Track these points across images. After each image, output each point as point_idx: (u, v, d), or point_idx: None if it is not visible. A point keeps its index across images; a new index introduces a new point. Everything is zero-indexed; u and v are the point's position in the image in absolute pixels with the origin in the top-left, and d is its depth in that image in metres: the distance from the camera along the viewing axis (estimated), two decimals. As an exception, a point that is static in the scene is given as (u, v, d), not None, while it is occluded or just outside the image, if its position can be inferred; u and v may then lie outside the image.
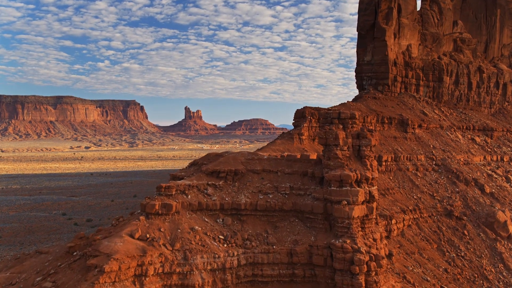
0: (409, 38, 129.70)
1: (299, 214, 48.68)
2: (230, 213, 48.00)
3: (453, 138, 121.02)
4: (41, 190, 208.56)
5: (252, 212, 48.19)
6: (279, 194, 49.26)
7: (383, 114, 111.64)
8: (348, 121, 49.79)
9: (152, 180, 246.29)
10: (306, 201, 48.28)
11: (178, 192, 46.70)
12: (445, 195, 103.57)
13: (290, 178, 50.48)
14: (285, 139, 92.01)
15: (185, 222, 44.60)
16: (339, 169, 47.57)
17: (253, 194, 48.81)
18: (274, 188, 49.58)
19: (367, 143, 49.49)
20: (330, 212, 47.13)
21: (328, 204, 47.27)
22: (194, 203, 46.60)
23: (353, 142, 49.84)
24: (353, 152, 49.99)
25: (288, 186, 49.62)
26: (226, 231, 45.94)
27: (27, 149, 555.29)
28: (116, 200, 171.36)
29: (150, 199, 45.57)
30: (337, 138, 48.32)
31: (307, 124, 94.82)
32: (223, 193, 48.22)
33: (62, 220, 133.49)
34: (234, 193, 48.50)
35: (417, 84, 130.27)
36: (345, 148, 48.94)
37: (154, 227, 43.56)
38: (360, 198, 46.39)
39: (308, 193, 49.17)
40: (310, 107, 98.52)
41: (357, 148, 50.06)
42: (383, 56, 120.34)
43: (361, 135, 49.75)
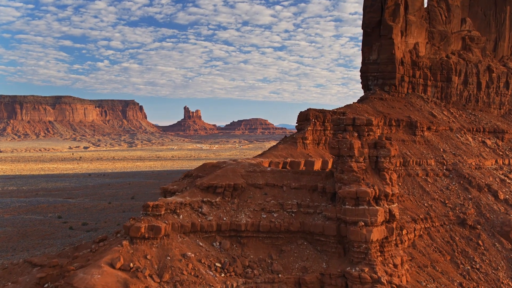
0: (416, 36, 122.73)
1: (308, 236, 41.81)
2: (228, 235, 41.16)
3: (463, 141, 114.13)
4: (38, 191, 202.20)
5: (254, 234, 41.35)
6: (285, 212, 42.37)
7: (390, 116, 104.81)
8: (364, 128, 42.79)
9: (150, 181, 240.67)
10: (316, 221, 41.42)
11: (168, 211, 39.81)
12: (457, 202, 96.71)
13: (297, 194, 43.58)
14: (288, 144, 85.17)
15: (175, 248, 37.77)
16: (355, 184, 40.65)
17: (255, 213, 41.92)
18: (279, 206, 42.69)
19: (386, 154, 42.57)
20: (345, 234, 40.29)
21: (342, 225, 40.44)
22: (186, 225, 39.75)
23: (370, 152, 42.93)
24: (369, 163, 43.07)
25: (295, 203, 42.73)
26: (224, 257, 39.06)
27: (25, 150, 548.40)
28: (113, 202, 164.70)
29: (135, 221, 38.68)
30: (352, 148, 41.42)
31: (311, 128, 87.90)
32: (220, 212, 41.38)
33: (57, 224, 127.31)
34: (233, 212, 41.62)
35: (425, 84, 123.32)
36: (361, 160, 42.03)
37: (139, 254, 36.78)
38: (380, 218, 39.58)
39: (319, 211, 42.26)
40: (315, 109, 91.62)
41: (374, 159, 43.15)
42: (389, 55, 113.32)
43: (379, 145, 42.82)
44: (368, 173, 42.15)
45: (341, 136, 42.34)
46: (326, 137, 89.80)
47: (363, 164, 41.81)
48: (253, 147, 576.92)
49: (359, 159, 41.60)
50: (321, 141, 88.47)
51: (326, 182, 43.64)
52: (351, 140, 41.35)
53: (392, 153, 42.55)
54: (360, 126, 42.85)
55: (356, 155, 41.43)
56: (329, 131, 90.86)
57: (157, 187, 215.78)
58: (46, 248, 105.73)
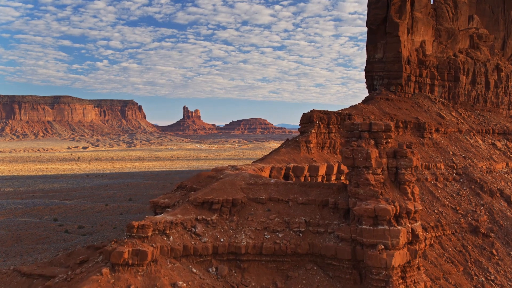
0: (422, 34, 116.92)
1: (319, 260, 35.98)
2: (226, 259, 35.32)
3: (473, 143, 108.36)
4: (35, 193, 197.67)
5: (256, 258, 35.50)
6: (291, 232, 36.51)
7: (397, 117, 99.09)
8: (382, 135, 36.95)
9: (149, 182, 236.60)
10: (328, 242, 35.59)
11: (156, 232, 33.95)
12: (469, 209, 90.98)
13: (305, 210, 37.70)
14: (291, 147, 79.37)
15: (164, 276, 31.98)
16: (372, 200, 34.79)
17: (257, 233, 36.08)
18: (284, 224, 36.84)
19: (407, 164, 36.73)
20: (361, 258, 34.47)
21: (358, 247, 34.64)
22: (177, 248, 33.93)
23: (389, 162, 37.07)
24: (388, 175, 37.24)
25: (303, 221, 36.90)
26: (221, 285, 33.25)
27: (24, 150, 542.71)
28: (111, 204, 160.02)
29: (118, 244, 32.88)
30: (369, 158, 35.57)
31: (315, 130, 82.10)
32: (217, 232, 35.54)
33: (53, 227, 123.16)
34: (231, 232, 35.78)
35: (432, 84, 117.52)
36: (379, 171, 36.16)
37: (121, 284, 31.00)
38: (402, 240, 33.80)
39: (330, 230, 36.40)
40: (319, 110, 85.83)
41: (393, 170, 37.30)
42: (396, 53, 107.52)
43: (398, 154, 36.97)
44: (387, 186, 36.29)
45: (355, 144, 36.44)
46: (331, 140, 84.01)
47: (381, 176, 35.94)
48: (253, 147, 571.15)
49: (376, 170, 35.73)
50: (325, 145, 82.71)
51: (338, 196, 37.76)
52: (368, 149, 35.47)
53: (414, 163, 36.71)
54: (378, 133, 36.94)
55: (374, 166, 35.56)
56: (334, 134, 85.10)
57: (156, 188, 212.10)
58: (40, 253, 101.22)
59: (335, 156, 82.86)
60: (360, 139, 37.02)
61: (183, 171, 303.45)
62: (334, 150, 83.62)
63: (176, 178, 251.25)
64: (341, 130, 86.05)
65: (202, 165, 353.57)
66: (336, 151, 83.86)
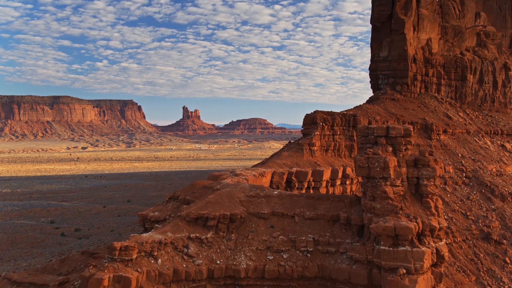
0: (429, 31, 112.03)
1: (329, 284, 31.11)
2: (223, 284, 30.46)
3: (482, 145, 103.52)
4: (32, 194, 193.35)
5: (258, 282, 30.65)
6: (297, 252, 31.66)
7: (404, 118, 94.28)
8: (401, 141, 32.15)
9: (147, 184, 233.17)
10: (340, 264, 30.77)
11: (142, 254, 29.09)
12: (480, 214, 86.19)
13: (314, 226, 32.84)
14: (293, 151, 74.54)
15: (151, 306, 27.28)
16: (392, 216, 29.94)
17: (259, 253, 31.24)
18: (290, 243, 32.00)
19: (430, 174, 31.87)
20: (379, 283, 29.61)
21: (375, 271, 29.82)
22: (167, 272, 29.08)
23: (409, 172, 32.22)
24: (408, 187, 32.40)
25: (311, 239, 32.05)
26: (217, 316, 28.51)
27: (23, 150, 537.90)
28: (108, 206, 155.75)
29: (97, 268, 28.08)
30: (387, 168, 30.71)
31: (319, 132, 77.26)
32: (213, 253, 30.70)
33: (49, 230, 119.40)
34: (229, 252, 30.94)
35: (438, 83, 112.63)
36: (398, 183, 31.31)
37: (100, 317, 26.34)
38: (426, 263, 28.98)
39: (342, 250, 31.55)
40: (322, 111, 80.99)
41: (414, 181, 32.44)
42: (401, 51, 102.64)
43: (420, 162, 32.09)
44: (407, 200, 31.46)
45: (371, 151, 31.54)
46: (336, 142, 79.19)
47: (400, 188, 31.09)
48: (252, 147, 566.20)
49: (395, 181, 30.88)
50: (329, 147, 77.87)
51: (350, 210, 32.90)
52: (385, 157, 30.60)
53: (438, 172, 31.86)
54: (396, 139, 32.06)
55: (392, 177, 30.72)
56: (338, 136, 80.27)
57: (154, 189, 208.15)
58: (34, 258, 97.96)
59: (339, 160, 78.17)
60: (376, 145, 32.14)
61: (183, 171, 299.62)
62: (338, 153, 78.87)
63: (176, 179, 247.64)
64: (346, 132, 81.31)
65: (201, 165, 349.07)
66: (341, 154, 79.12)
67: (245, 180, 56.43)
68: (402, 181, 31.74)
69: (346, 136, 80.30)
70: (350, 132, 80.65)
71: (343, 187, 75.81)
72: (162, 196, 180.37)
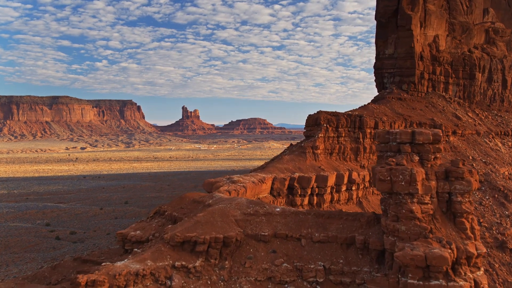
0: (436, 27, 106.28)
1: (344, 323, 25.51)
2: (215, 324, 24.90)
3: (492, 147, 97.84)
4: (29, 195, 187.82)
5: (257, 320, 25.09)
6: (305, 283, 25.95)
7: (411, 118, 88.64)
8: (429, 149, 26.37)
9: (146, 184, 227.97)
10: (357, 299, 25.18)
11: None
12: (494, 221, 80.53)
13: (324, 251, 27.13)
14: (295, 154, 68.80)
15: None
16: (420, 241, 24.26)
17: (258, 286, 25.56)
18: (295, 272, 26.29)
19: (464, 189, 26.17)
20: (405, 324, 24.04)
21: (400, 307, 24.26)
22: (145, 311, 23.48)
23: (439, 186, 26.52)
24: (438, 204, 26.67)
25: (321, 267, 26.38)
26: None
27: (21, 150, 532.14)
28: (106, 208, 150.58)
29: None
30: (414, 182, 25.04)
31: (322, 134, 71.49)
32: (202, 285, 24.99)
33: (44, 233, 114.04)
34: (222, 284, 25.23)
35: (446, 82, 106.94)
36: (427, 199, 25.62)
37: None
38: (464, 299, 23.43)
39: (359, 281, 25.84)
40: (326, 112, 75.23)
41: (445, 197, 26.74)
42: (408, 49, 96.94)
43: (452, 174, 26.38)
44: (437, 220, 25.77)
45: (393, 161, 25.79)
46: (340, 145, 73.39)
47: (430, 206, 25.38)
48: (252, 147, 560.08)
49: (424, 198, 25.17)
50: (334, 150, 72.10)
51: (368, 232, 27.16)
52: (411, 168, 24.84)
53: (473, 186, 26.10)
54: (423, 146, 26.33)
55: (420, 193, 25.00)
56: (343, 138, 74.51)
57: (153, 190, 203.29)
58: (27, 263, 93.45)
59: (345, 163, 72.52)
60: (400, 154, 26.39)
61: (182, 172, 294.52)
62: (344, 157, 73.13)
63: (175, 180, 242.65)
64: (352, 133, 75.58)
65: (201, 166, 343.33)
66: (346, 158, 73.38)
67: (243, 188, 50.69)
68: (431, 197, 25.98)
69: (352, 138, 74.65)
70: (356, 134, 74.95)
71: (349, 193, 70.09)
72: (160, 198, 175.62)
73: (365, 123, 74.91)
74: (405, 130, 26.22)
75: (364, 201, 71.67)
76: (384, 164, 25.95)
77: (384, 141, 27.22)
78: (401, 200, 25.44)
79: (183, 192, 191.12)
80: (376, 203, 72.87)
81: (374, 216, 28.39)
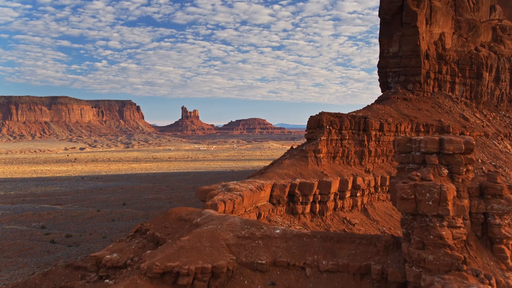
0: (442, 25, 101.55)
1: None
2: None
3: (501, 149, 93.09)
4: (26, 197, 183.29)
5: None
6: (311, 323, 21.27)
7: (418, 120, 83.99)
8: (461, 160, 21.77)
9: (144, 185, 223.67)
10: None
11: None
12: None
13: (333, 283, 22.44)
14: (296, 159, 64.05)
15: None
16: (453, 274, 19.56)
17: (254, 327, 20.84)
18: (299, 309, 21.63)
19: (504, 209, 21.51)
20: None
21: None
22: None
23: (472, 206, 21.82)
24: (471, 226, 21.96)
25: (330, 303, 21.76)
26: None
27: (20, 151, 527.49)
28: (103, 209, 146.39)
29: None
30: (444, 202, 20.36)
31: (325, 137, 66.72)
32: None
33: (39, 236, 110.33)
34: (210, 326, 20.52)
35: (452, 81, 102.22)
36: (459, 222, 20.90)
37: None
38: None
39: (376, 320, 21.17)
40: (329, 113, 70.48)
41: (480, 218, 22.04)
42: (413, 46, 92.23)
43: (488, 191, 21.70)
44: (472, 247, 21.04)
45: (418, 176, 21.04)
46: (344, 148, 68.63)
47: (462, 230, 20.65)
48: (252, 148, 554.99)
49: (455, 221, 20.45)
50: (337, 154, 67.36)
51: (386, 259, 22.41)
52: (441, 184, 20.07)
53: (513, 205, 21.30)
54: (454, 157, 21.61)
55: (452, 214, 20.25)
56: (347, 141, 69.77)
57: (151, 192, 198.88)
58: (19, 268, 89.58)
59: (348, 168, 67.78)
60: (425, 166, 21.64)
61: (181, 172, 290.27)
62: (347, 161, 68.37)
63: (173, 181, 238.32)
64: (356, 136, 70.83)
65: (200, 166, 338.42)
66: (350, 162, 68.61)
67: (240, 196, 45.96)
68: (464, 219, 21.20)
69: (356, 141, 69.89)
70: (361, 137, 70.19)
71: (353, 200, 65.35)
72: (158, 199, 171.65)
73: (370, 125, 70.23)
74: (431, 138, 21.47)
75: (369, 208, 67.03)
76: (407, 179, 21.20)
77: (406, 150, 22.49)
78: (428, 223, 20.70)
79: (182, 194, 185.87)
80: (382, 210, 68.26)
81: (393, 240, 23.66)
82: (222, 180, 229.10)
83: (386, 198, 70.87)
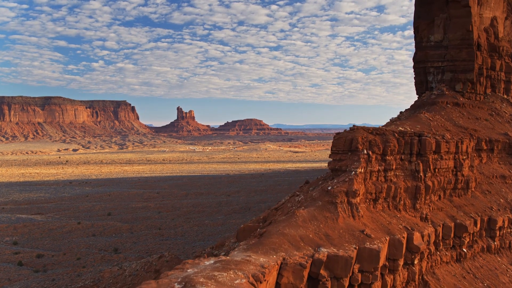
0: (493, 7, 75.04)
1: None
2: None
3: None
4: (6, 205, 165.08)
5: None
6: None
7: (478, 134, 57.73)
8: None
9: (134, 192, 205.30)
10: None
11: None
12: None
13: None
14: (317, 207, 37.21)
15: None
16: None
17: None
18: None
19: None
20: None
21: None
22: None
23: None
24: None
25: None
26: None
27: (12, 152, 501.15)
28: (84, 221, 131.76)
29: None
30: None
31: (362, 169, 40.09)
32: None
33: (7, 256, 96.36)
34: None
35: (507, 80, 75.60)
36: None
37: None
38: None
39: None
40: (364, 128, 43.41)
41: None
42: (464, 33, 65.60)
43: None
44: None
45: None
46: (390, 185, 41.92)
47: None
48: (248, 149, 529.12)
49: None
50: (381, 195, 40.61)
51: None
52: None
53: None
54: None
55: None
56: (393, 172, 43.14)
57: (140, 199, 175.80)
58: None
59: (397, 216, 41.03)
60: None
61: (174, 177, 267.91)
62: (394, 204, 41.71)
63: (165, 186, 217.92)
64: (406, 164, 44.19)
65: (194, 169, 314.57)
66: (398, 206, 41.92)
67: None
68: None
69: (407, 172, 43.34)
70: (413, 165, 43.53)
71: (409, 271, 38.81)
72: (147, 208, 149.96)
73: (428, 146, 43.65)
74: None
75: (430, 279, 40.70)
76: None
77: None
78: None
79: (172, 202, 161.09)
80: (450, 282, 41.82)
81: None
82: (217, 185, 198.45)
83: (451, 259, 44.47)
